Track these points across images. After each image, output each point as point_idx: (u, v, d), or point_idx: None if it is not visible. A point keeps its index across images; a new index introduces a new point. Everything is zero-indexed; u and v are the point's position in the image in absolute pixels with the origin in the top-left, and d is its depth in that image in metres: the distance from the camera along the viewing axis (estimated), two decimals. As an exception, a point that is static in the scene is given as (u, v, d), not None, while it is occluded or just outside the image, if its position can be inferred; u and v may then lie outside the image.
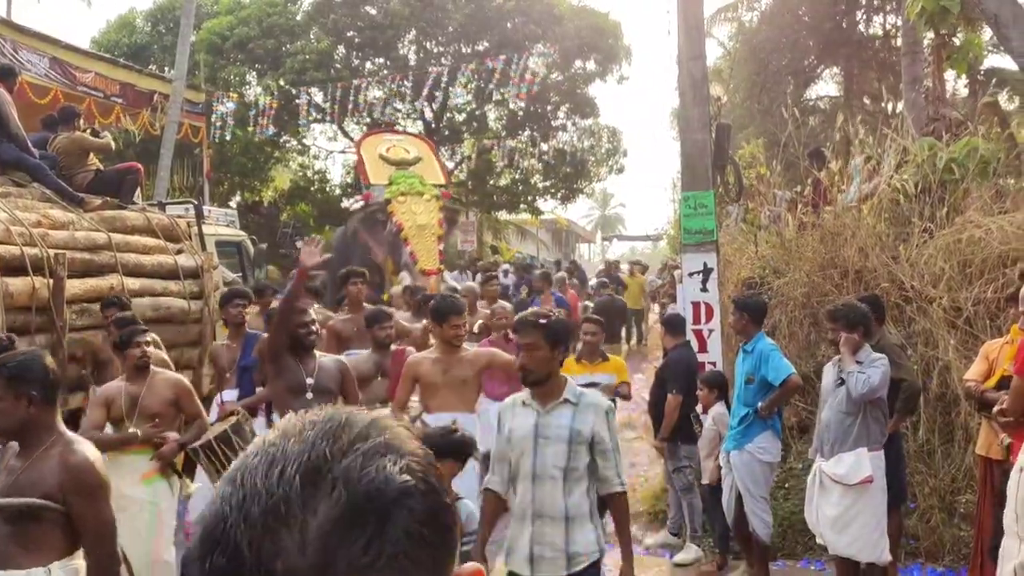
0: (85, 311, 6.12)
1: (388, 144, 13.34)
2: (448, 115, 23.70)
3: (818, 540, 4.96)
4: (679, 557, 6.00)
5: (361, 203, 14.24)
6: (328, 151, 26.50)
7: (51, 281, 5.75)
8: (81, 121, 7.77)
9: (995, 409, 4.12)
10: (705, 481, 5.90)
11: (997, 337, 5.17)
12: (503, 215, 28.74)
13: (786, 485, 6.24)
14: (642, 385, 12.95)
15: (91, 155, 7.41)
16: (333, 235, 16.16)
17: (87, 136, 7.46)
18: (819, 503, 4.70)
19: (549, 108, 23.86)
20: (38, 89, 11.86)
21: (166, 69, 17.65)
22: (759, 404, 5.25)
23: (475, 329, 7.45)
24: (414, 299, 8.26)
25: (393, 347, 5.85)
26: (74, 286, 6.01)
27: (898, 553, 5.43)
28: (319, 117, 21.17)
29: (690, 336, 6.64)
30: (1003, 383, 4.45)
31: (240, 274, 10.32)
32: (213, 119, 17.92)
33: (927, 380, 6.09)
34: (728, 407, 5.82)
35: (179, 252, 7.37)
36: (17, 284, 5.54)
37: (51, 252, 5.82)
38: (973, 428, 5.62)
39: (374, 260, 11.95)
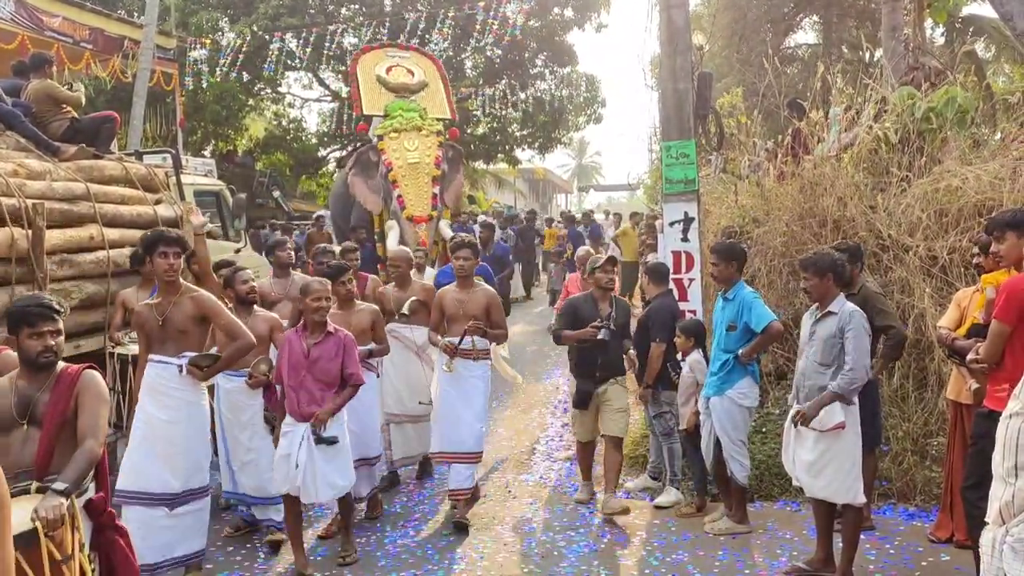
0: (65, 262, 6.07)
1: (389, 63, 11.18)
2: (424, 63, 23.36)
3: (794, 483, 5.10)
4: (659, 500, 6.14)
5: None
6: (303, 100, 26.11)
7: (30, 232, 5.68)
8: (53, 68, 7.58)
9: (969, 357, 4.23)
10: (682, 427, 6.01)
11: (972, 285, 5.28)
12: (480, 165, 28.58)
13: (763, 430, 6.39)
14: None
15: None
16: (333, 183, 13.81)
17: (59, 86, 7.29)
18: (795, 448, 4.83)
19: (527, 56, 23.58)
20: (5, 34, 11.56)
21: (135, 14, 17.18)
22: (740, 350, 5.35)
23: (405, 310, 6.43)
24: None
25: None
26: (53, 236, 5.93)
27: (871, 494, 5.61)
28: (293, 64, 20.77)
29: (671, 285, 6.70)
30: (973, 331, 4.57)
31: (219, 224, 10.22)
32: (186, 66, 17.55)
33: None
34: (705, 355, 5.92)
35: (158, 202, 7.28)
36: (-5, 235, 5.48)
37: (29, 202, 5.74)
38: (946, 374, 5.77)
39: (369, 211, 10.52)
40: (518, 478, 6.88)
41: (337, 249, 8.06)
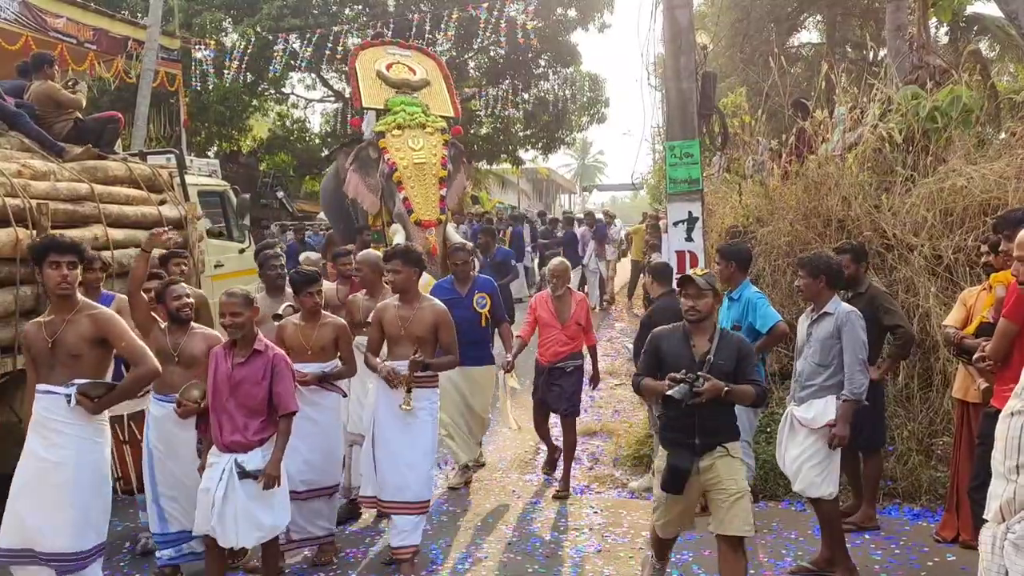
0: (70, 262, 6.07)
1: (390, 59, 10.57)
2: (428, 63, 23.34)
3: (789, 477, 5.11)
4: (664, 500, 6.12)
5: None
6: (307, 100, 26.16)
7: (34, 232, 5.69)
8: (55, 68, 7.54)
9: (976, 356, 4.23)
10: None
11: (977, 285, 5.27)
12: (483, 165, 28.60)
13: (768, 430, 6.36)
14: (624, 334, 13.09)
15: (68, 104, 7.25)
16: (323, 179, 13.15)
17: (59, 88, 7.23)
18: (787, 445, 4.86)
19: (530, 56, 23.59)
20: (8, 35, 11.58)
21: (139, 15, 17.20)
22: (745, 350, 5.34)
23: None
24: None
25: None
26: (58, 237, 5.95)
27: (877, 494, 5.61)
28: (296, 65, 20.80)
29: (675, 285, 6.69)
30: (982, 330, 4.56)
31: (223, 224, 10.23)
32: (190, 67, 17.59)
33: (906, 327, 6.20)
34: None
35: (162, 203, 7.30)
36: (0, 235, 5.49)
37: (33, 202, 5.75)
38: (951, 373, 5.76)
39: (364, 210, 9.89)
40: (522, 478, 6.87)
41: (302, 256, 7.49)
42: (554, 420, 6.89)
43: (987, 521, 2.82)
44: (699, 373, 3.93)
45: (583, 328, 6.54)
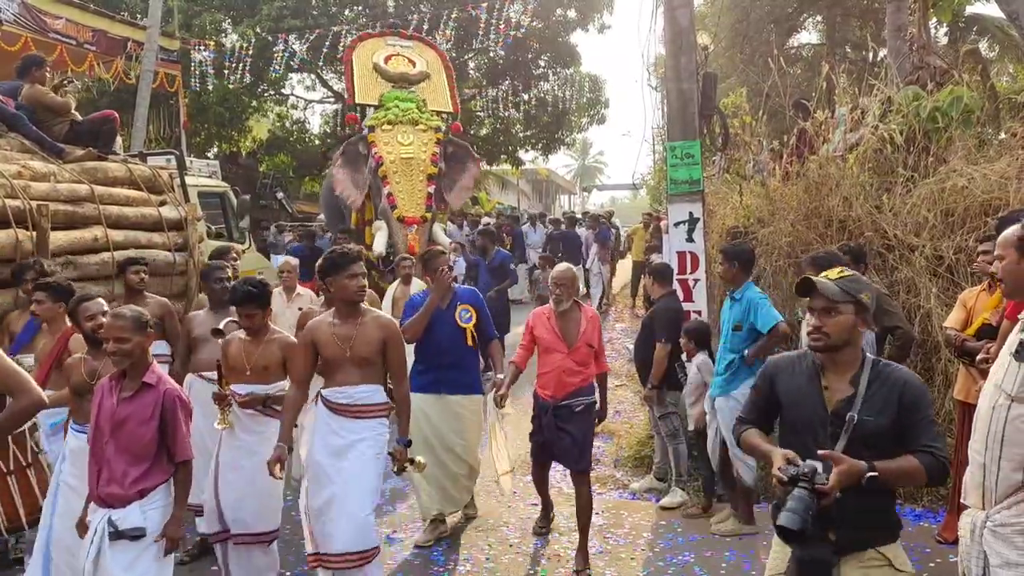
0: (70, 263, 6.07)
1: (389, 51, 10.23)
2: (427, 64, 23.32)
3: None
4: (665, 501, 6.13)
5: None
6: (307, 101, 26.15)
7: (34, 233, 5.69)
8: (45, 71, 7.42)
9: (979, 358, 4.21)
10: (691, 427, 6.02)
11: (978, 285, 5.26)
12: (483, 166, 28.59)
13: (768, 430, 6.35)
14: (625, 334, 13.08)
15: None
16: (324, 180, 12.91)
17: (47, 92, 7.16)
18: None
19: (530, 57, 23.59)
20: (8, 36, 11.57)
21: (139, 16, 17.21)
22: (746, 351, 5.34)
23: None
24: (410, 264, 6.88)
25: None
26: (58, 238, 5.95)
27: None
28: (296, 66, 20.81)
29: (675, 285, 6.70)
30: (982, 332, 4.55)
31: (223, 225, 10.22)
32: (191, 68, 17.60)
33: (908, 328, 6.20)
34: (712, 356, 5.91)
35: (162, 203, 7.30)
36: (0, 236, 5.49)
37: (33, 204, 5.75)
38: (952, 374, 5.75)
39: (349, 208, 9.72)
40: (523, 479, 6.86)
41: (281, 260, 7.24)
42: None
43: (967, 507, 2.84)
44: (822, 454, 2.52)
45: (595, 351, 5.21)
